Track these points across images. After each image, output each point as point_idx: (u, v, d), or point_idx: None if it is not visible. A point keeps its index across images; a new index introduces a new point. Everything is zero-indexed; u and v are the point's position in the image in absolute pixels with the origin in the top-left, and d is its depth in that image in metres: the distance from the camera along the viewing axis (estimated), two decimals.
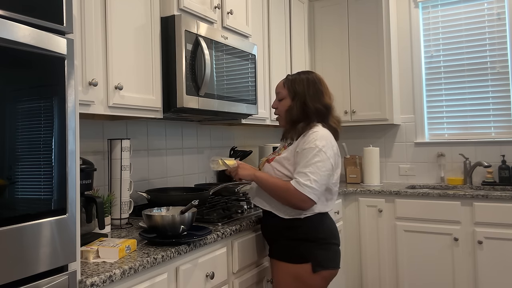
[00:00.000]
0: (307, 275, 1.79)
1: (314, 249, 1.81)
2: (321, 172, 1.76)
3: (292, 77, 1.96)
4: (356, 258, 3.26)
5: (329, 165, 1.79)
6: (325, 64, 3.70)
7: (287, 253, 1.84)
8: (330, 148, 1.81)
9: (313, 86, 1.90)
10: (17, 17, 1.03)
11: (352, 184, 3.53)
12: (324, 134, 1.83)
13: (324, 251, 1.83)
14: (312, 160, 1.76)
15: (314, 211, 1.83)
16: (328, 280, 1.86)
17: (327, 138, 1.83)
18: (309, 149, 1.78)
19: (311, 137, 1.82)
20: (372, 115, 3.50)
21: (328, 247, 1.85)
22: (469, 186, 3.31)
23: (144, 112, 1.95)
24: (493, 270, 2.80)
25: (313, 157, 1.77)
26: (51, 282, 1.09)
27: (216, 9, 2.32)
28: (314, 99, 1.89)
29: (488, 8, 3.41)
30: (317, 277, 1.80)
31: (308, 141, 1.81)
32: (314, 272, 1.78)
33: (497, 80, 3.38)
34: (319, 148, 1.77)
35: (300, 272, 1.80)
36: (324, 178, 1.78)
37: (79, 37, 1.62)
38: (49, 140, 1.10)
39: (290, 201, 1.79)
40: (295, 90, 1.91)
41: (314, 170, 1.75)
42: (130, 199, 2.01)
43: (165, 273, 1.51)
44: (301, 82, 1.91)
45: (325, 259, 1.82)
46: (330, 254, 1.85)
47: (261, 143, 3.45)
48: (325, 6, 3.71)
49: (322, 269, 1.80)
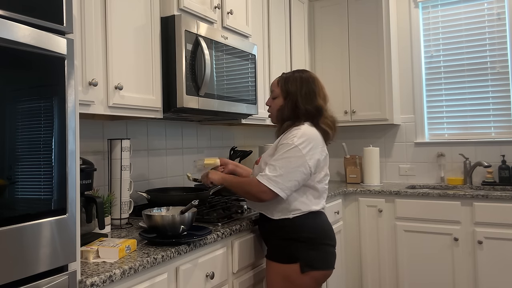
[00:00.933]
0: (296, 275, 1.77)
1: (303, 249, 1.79)
2: (290, 167, 1.74)
3: (286, 76, 1.96)
4: (356, 258, 3.26)
5: (302, 162, 1.76)
6: (325, 64, 3.70)
7: (276, 253, 1.84)
8: (309, 146, 1.78)
9: (306, 86, 1.89)
10: (17, 17, 1.03)
11: (352, 184, 3.53)
12: (306, 132, 1.81)
13: (314, 251, 1.80)
14: (284, 155, 1.76)
15: (304, 210, 1.82)
16: (319, 281, 1.83)
17: (309, 136, 1.80)
18: (285, 144, 1.79)
19: (292, 133, 1.81)
20: (372, 115, 3.50)
21: (319, 248, 1.82)
22: (469, 186, 3.31)
23: (144, 112, 1.95)
24: (493, 270, 2.80)
25: (286, 152, 1.76)
26: (51, 282, 1.09)
27: (216, 9, 2.32)
28: (306, 100, 1.87)
29: (488, 8, 3.41)
30: (306, 278, 1.77)
31: (287, 137, 1.81)
32: (303, 273, 1.76)
33: (497, 80, 3.38)
34: (295, 145, 1.76)
35: (289, 272, 1.78)
36: (293, 174, 1.75)
37: (79, 37, 1.62)
38: (49, 140, 1.10)
39: (250, 192, 1.80)
40: (287, 90, 1.90)
41: (282, 165, 1.74)
42: (130, 199, 2.01)
43: (165, 273, 1.51)
44: (295, 81, 1.91)
45: (315, 260, 1.79)
46: (321, 254, 1.82)
47: (261, 143, 3.45)
48: (325, 6, 3.71)
49: (311, 269, 1.77)
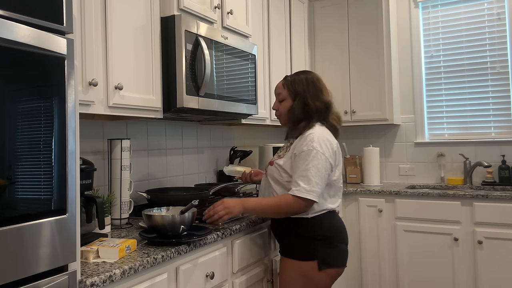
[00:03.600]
0: (313, 272, 1.81)
1: (320, 247, 1.83)
2: (321, 173, 1.79)
3: (291, 78, 1.99)
4: (356, 258, 3.26)
5: (328, 165, 1.82)
6: (325, 64, 3.70)
7: (294, 250, 1.87)
8: (328, 148, 1.83)
9: (312, 85, 1.93)
10: (17, 17, 1.03)
11: (352, 184, 3.53)
12: (320, 135, 1.85)
13: (330, 249, 1.84)
14: (311, 163, 1.79)
15: (320, 209, 1.85)
16: (334, 278, 1.88)
17: (324, 138, 1.85)
18: (307, 151, 1.81)
19: (308, 139, 1.84)
20: (372, 115, 3.50)
21: (335, 246, 1.86)
22: (469, 186, 3.31)
23: (144, 112, 1.95)
24: (493, 270, 2.80)
25: (312, 160, 1.79)
26: (51, 282, 1.09)
27: (216, 9, 2.32)
28: (314, 97, 1.91)
29: (488, 8, 3.41)
30: (323, 275, 1.82)
31: (305, 144, 1.83)
32: (320, 270, 1.81)
33: (497, 80, 3.38)
34: (316, 150, 1.80)
35: (306, 269, 1.82)
36: (324, 179, 1.81)
37: (79, 37, 1.62)
38: (49, 140, 1.10)
39: (291, 211, 1.82)
40: (295, 90, 1.94)
41: (314, 173, 1.78)
42: (130, 199, 2.01)
43: (165, 273, 1.51)
44: (301, 82, 1.94)
45: (332, 258, 1.84)
46: (337, 252, 1.87)
47: (261, 143, 3.45)
48: (325, 6, 3.71)
49: (328, 267, 1.82)
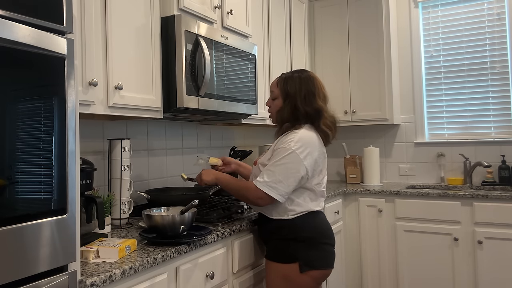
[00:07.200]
0: (295, 275, 1.78)
1: (302, 248, 1.80)
2: (288, 173, 1.76)
3: (285, 76, 1.94)
4: (356, 258, 3.26)
5: (300, 168, 1.77)
6: (325, 64, 3.70)
7: (276, 253, 1.85)
8: (307, 151, 1.79)
9: (305, 87, 1.88)
10: (17, 17, 1.03)
11: (352, 184, 3.53)
12: (303, 137, 1.81)
13: (313, 251, 1.81)
14: (281, 160, 1.77)
15: (301, 210, 1.83)
16: (318, 280, 1.85)
17: (306, 141, 1.80)
18: (282, 149, 1.79)
19: (289, 137, 1.82)
20: (372, 115, 3.50)
21: (318, 247, 1.83)
22: (469, 186, 3.31)
23: (144, 112, 1.95)
24: (493, 270, 2.80)
25: (284, 158, 1.77)
26: (51, 282, 1.09)
27: (216, 9, 2.32)
28: (305, 102, 1.86)
29: (488, 8, 3.41)
30: (306, 277, 1.78)
31: (285, 141, 1.81)
32: (302, 272, 1.77)
33: (497, 80, 3.38)
34: (292, 150, 1.77)
35: (288, 272, 1.79)
36: (291, 180, 1.77)
37: (79, 37, 1.62)
38: (49, 140, 1.10)
39: (247, 197, 1.83)
40: (287, 91, 1.89)
41: (280, 171, 1.76)
42: (130, 199, 2.01)
43: (165, 273, 1.51)
44: (294, 82, 1.89)
45: (314, 259, 1.80)
46: (320, 253, 1.83)
47: (261, 143, 3.45)
48: (325, 6, 3.71)
49: (310, 269, 1.78)
